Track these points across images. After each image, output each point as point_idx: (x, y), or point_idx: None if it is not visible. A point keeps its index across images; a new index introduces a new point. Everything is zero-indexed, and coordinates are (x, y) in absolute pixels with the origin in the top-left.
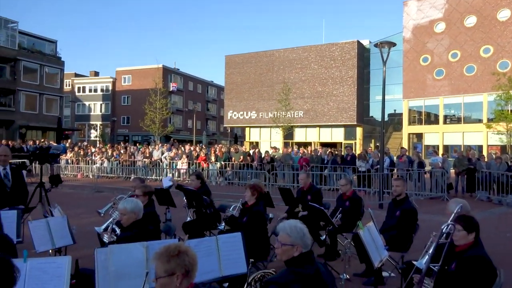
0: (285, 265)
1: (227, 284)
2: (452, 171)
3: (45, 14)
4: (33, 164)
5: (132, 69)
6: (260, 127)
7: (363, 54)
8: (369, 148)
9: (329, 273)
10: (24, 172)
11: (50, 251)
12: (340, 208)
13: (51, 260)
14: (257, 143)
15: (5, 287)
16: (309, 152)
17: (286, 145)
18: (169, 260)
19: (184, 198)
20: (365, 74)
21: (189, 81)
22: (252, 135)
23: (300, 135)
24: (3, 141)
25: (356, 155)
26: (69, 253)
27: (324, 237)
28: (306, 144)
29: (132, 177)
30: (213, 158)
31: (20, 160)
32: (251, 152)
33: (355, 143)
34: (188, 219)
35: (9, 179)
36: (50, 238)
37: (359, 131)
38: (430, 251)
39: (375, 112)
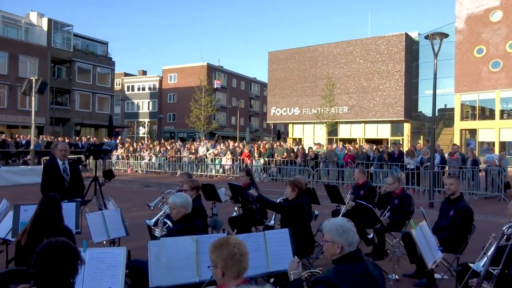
0: (333, 264)
1: (272, 279)
2: (510, 169)
3: (96, 16)
4: (88, 159)
5: (178, 68)
6: (303, 123)
7: (411, 47)
8: (418, 145)
9: (380, 273)
10: (80, 167)
11: (104, 242)
12: (389, 206)
13: (108, 250)
14: (300, 139)
15: (68, 275)
16: (354, 148)
17: (330, 141)
18: (213, 251)
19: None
20: (413, 67)
21: (233, 78)
22: (295, 131)
23: (344, 131)
24: (59, 138)
25: (404, 151)
26: (122, 245)
27: (371, 235)
28: (350, 141)
29: (179, 173)
30: (256, 155)
31: (76, 156)
32: (294, 148)
33: (403, 139)
34: (234, 214)
35: (68, 173)
36: (105, 230)
37: (406, 127)
38: (489, 253)
39: (424, 107)
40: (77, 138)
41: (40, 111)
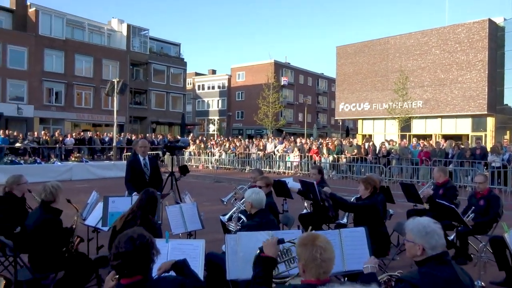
0: (416, 265)
1: (345, 279)
2: None
3: (169, 20)
4: (165, 155)
5: (246, 66)
6: (374, 119)
7: (496, 33)
8: (504, 141)
9: (470, 279)
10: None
11: (180, 234)
12: (473, 207)
13: (188, 242)
14: (370, 135)
15: (144, 264)
16: (430, 145)
17: (403, 137)
18: (299, 245)
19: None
20: (498, 56)
21: (300, 74)
22: (365, 127)
23: (418, 127)
24: (139, 135)
25: (488, 148)
26: (198, 237)
27: (452, 237)
28: (425, 137)
29: (248, 169)
30: (325, 151)
31: (154, 152)
32: (366, 145)
33: (486, 135)
34: (305, 211)
35: (148, 168)
36: (183, 222)
37: (490, 121)
38: None
39: (510, 99)
40: (153, 135)
41: (120, 111)
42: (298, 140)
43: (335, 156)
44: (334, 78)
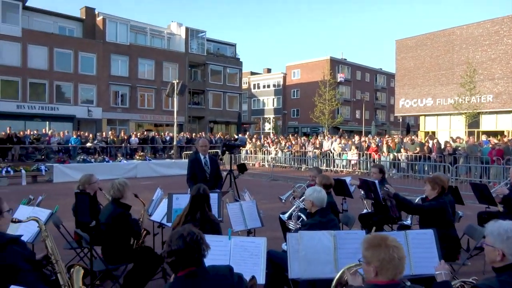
0: (494, 272)
1: (408, 283)
2: None
3: (224, 20)
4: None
5: (301, 63)
6: (437, 115)
7: None
8: None
9: None
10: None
11: (239, 232)
12: None
13: (250, 239)
14: (433, 132)
15: (195, 259)
16: (503, 142)
17: (470, 134)
18: (368, 248)
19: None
20: None
21: (357, 70)
22: (428, 124)
23: (488, 123)
24: (198, 134)
25: None
26: (257, 235)
27: None
28: (496, 133)
29: (304, 167)
30: (385, 149)
31: (213, 151)
32: (430, 142)
33: None
34: (365, 211)
35: (208, 166)
36: (243, 220)
37: None
38: None
39: None
40: (210, 134)
41: (180, 111)
42: (356, 137)
43: (395, 154)
44: (393, 73)
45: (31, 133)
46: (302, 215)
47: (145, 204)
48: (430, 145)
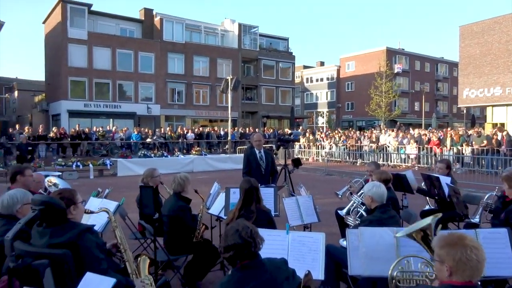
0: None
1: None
2: None
3: (276, 14)
4: (279, 148)
5: (356, 55)
6: (507, 105)
7: None
8: None
9: None
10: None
11: (295, 227)
12: None
13: (308, 234)
14: (502, 124)
15: (253, 252)
16: None
17: None
18: (443, 247)
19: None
20: None
21: (415, 60)
22: (496, 115)
23: None
24: (250, 128)
25: None
26: (314, 230)
27: None
28: None
29: (359, 161)
30: (448, 143)
31: (267, 145)
32: (498, 135)
33: None
34: (427, 207)
35: (264, 161)
36: (300, 215)
37: None
38: None
39: None
40: (263, 129)
41: (233, 106)
42: (416, 131)
43: (459, 147)
44: (456, 62)
45: (97, 129)
46: (361, 211)
47: (204, 200)
48: (499, 138)
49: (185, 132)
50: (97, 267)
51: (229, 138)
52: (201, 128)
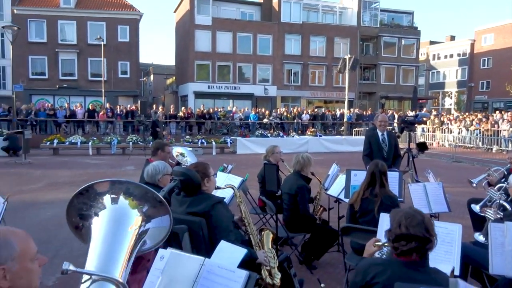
0: None
1: None
2: None
3: None
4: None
5: (495, 27)
6: None
7: None
8: None
9: None
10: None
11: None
12: None
13: (441, 224)
14: None
15: (425, 249)
16: None
17: None
18: None
19: None
20: None
21: None
22: None
23: None
24: (367, 110)
25: None
26: (441, 220)
27: None
28: None
29: (495, 148)
30: None
31: (390, 127)
32: None
33: None
34: None
35: (386, 144)
36: (427, 202)
37: None
38: None
39: None
40: (382, 110)
41: (350, 87)
42: None
43: None
44: None
45: (219, 110)
46: (505, 204)
47: (320, 182)
48: None
49: (300, 113)
50: (226, 237)
51: (345, 119)
52: (316, 109)
